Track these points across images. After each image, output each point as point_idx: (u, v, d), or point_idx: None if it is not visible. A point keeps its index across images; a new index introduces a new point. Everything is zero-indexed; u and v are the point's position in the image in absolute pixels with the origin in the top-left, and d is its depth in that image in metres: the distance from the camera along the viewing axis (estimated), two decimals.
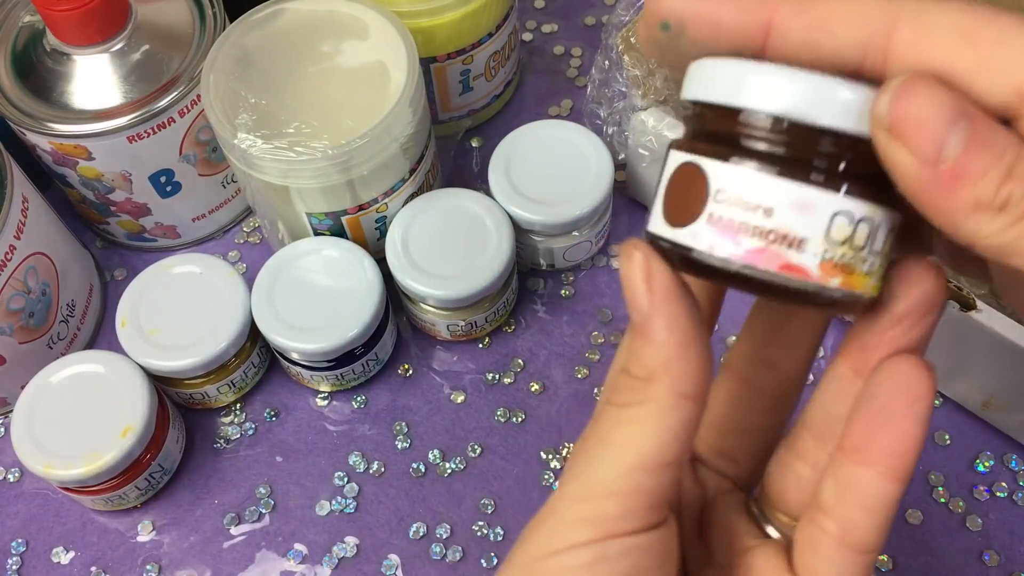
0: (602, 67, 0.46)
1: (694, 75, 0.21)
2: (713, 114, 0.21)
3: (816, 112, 0.19)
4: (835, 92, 0.19)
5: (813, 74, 0.19)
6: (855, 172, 0.20)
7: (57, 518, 0.45)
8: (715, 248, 0.20)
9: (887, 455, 0.20)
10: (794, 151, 0.20)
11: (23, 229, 0.42)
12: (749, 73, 0.20)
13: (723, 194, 0.20)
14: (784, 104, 0.19)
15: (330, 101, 0.42)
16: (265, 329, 0.42)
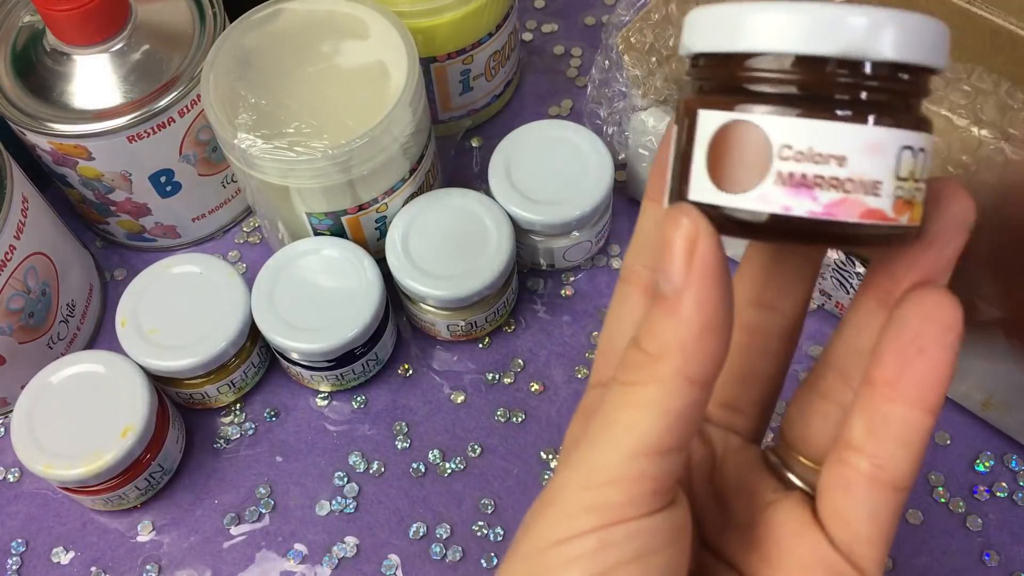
0: (602, 67, 0.46)
1: (725, 22, 0.20)
2: (755, 65, 0.19)
3: (872, 46, 0.19)
4: (887, 22, 0.19)
5: (855, 5, 0.19)
6: (899, 103, 0.20)
7: (57, 518, 0.45)
8: (792, 208, 0.19)
9: (921, 387, 0.20)
10: (852, 92, 0.19)
11: (23, 229, 0.42)
12: (792, 14, 0.19)
13: (790, 150, 0.19)
14: (839, 44, 0.19)
15: (330, 101, 0.42)
16: (265, 329, 0.42)
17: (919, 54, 0.19)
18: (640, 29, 0.45)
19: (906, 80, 0.19)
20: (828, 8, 0.19)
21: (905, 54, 0.19)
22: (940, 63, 0.20)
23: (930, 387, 0.20)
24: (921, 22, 0.19)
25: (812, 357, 0.46)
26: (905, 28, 0.19)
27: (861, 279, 0.41)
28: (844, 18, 0.19)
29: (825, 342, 0.46)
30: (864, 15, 0.19)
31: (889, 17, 0.19)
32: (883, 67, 0.19)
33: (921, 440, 0.20)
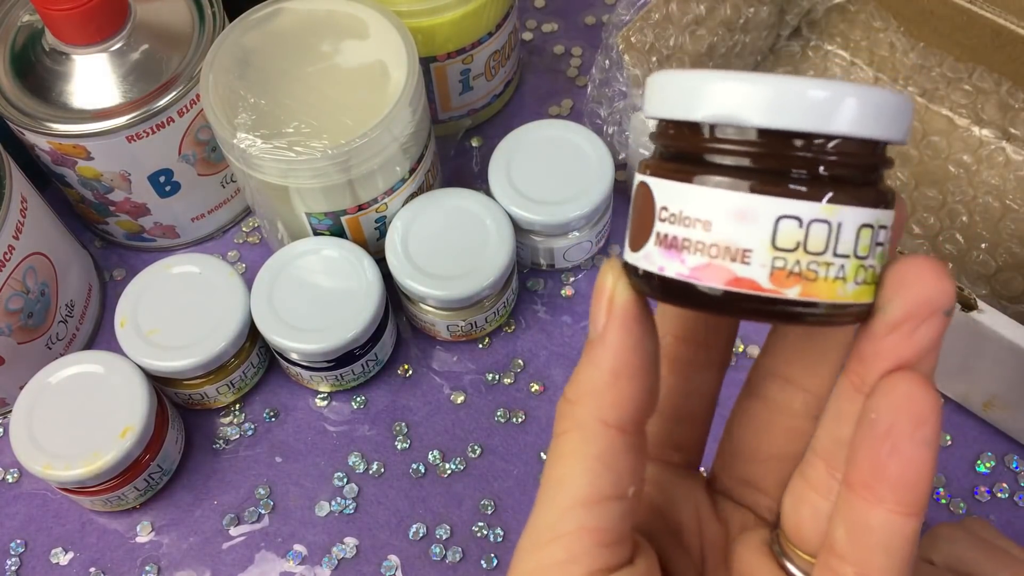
0: (602, 66, 0.46)
1: (651, 90, 0.21)
2: (661, 131, 0.20)
3: (744, 115, 0.18)
4: (767, 92, 0.18)
5: (733, 78, 0.19)
6: (802, 172, 0.19)
7: (56, 519, 0.44)
8: (665, 268, 0.19)
9: (899, 490, 0.18)
10: (725, 157, 0.19)
11: (22, 229, 0.42)
12: (669, 85, 0.19)
13: (665, 211, 0.19)
14: (708, 112, 0.19)
15: (330, 101, 0.42)
16: (264, 329, 0.42)
17: (793, 120, 0.18)
18: (640, 29, 0.45)
19: (797, 147, 0.19)
20: (706, 76, 0.19)
21: (778, 121, 0.18)
22: (819, 127, 0.18)
23: (909, 489, 0.18)
24: (810, 87, 0.18)
25: None
26: (783, 92, 0.18)
27: None
28: (716, 84, 0.19)
29: None
30: (741, 81, 0.18)
31: (765, 82, 0.18)
32: (755, 132, 0.19)
33: (905, 546, 0.19)
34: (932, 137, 0.51)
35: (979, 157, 0.50)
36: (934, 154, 0.51)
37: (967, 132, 0.51)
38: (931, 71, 0.52)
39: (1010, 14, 0.48)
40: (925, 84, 0.52)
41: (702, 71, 0.19)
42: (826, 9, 0.54)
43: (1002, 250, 0.47)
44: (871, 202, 0.19)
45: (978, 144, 0.51)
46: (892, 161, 0.20)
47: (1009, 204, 0.49)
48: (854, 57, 0.54)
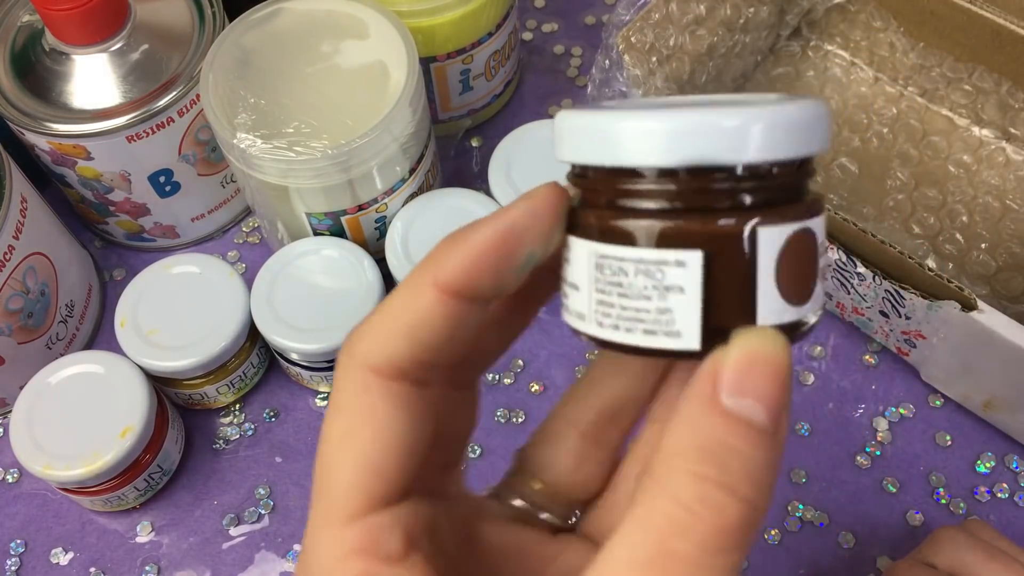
0: (603, 67, 0.46)
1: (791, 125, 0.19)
2: (785, 171, 0.19)
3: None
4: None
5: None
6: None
7: (56, 519, 0.44)
8: (824, 302, 0.20)
9: None
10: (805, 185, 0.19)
11: (22, 229, 0.42)
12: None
13: (823, 246, 0.19)
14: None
15: (330, 101, 0.42)
16: (264, 329, 0.42)
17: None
18: (640, 29, 0.45)
19: None
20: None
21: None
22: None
23: None
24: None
25: (812, 358, 0.46)
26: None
27: (860, 279, 0.41)
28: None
29: (824, 341, 0.46)
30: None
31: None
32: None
33: None
34: (932, 137, 0.51)
35: (979, 157, 0.50)
36: (934, 154, 0.51)
37: (967, 132, 0.51)
38: (931, 71, 0.52)
39: (1010, 14, 0.48)
40: (925, 84, 0.52)
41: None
42: (826, 9, 0.54)
43: (1002, 250, 0.47)
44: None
45: (978, 144, 0.51)
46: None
47: (1009, 204, 0.49)
48: (854, 57, 0.54)
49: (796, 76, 0.54)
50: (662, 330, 0.18)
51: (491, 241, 0.19)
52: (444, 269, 0.19)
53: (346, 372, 0.20)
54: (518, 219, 0.19)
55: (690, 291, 0.18)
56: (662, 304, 0.18)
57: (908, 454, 0.44)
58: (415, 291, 0.19)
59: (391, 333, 0.19)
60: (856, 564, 0.42)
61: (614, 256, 0.19)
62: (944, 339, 0.41)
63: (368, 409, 0.19)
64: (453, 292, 0.19)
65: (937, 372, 0.44)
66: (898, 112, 0.52)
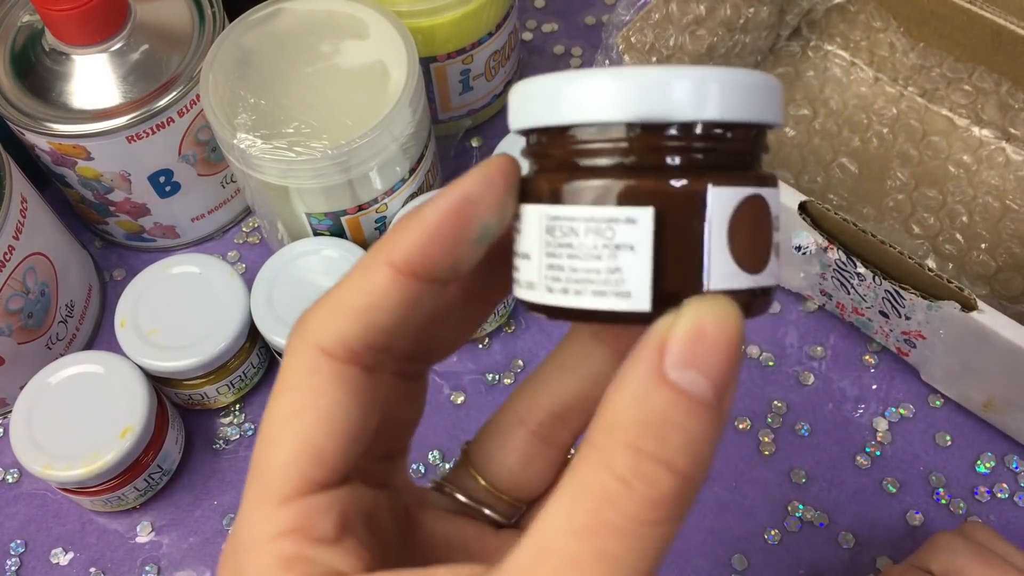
0: (603, 66, 0.46)
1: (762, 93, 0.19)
2: (739, 135, 0.19)
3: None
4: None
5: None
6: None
7: (56, 519, 0.44)
8: (780, 277, 0.19)
9: None
10: (758, 156, 0.19)
11: (22, 229, 0.42)
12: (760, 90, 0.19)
13: (777, 220, 0.19)
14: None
15: (329, 101, 0.42)
16: (265, 329, 0.42)
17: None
18: (641, 29, 0.45)
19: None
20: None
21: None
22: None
23: None
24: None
25: (812, 358, 0.46)
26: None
27: (860, 279, 0.41)
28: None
29: (824, 342, 0.46)
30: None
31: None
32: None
33: None
34: (932, 137, 0.51)
35: (979, 157, 0.50)
36: (934, 154, 0.51)
37: (967, 132, 0.51)
38: (931, 71, 0.52)
39: (1010, 14, 0.48)
40: (925, 84, 0.52)
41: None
42: (826, 9, 0.54)
43: (1002, 250, 0.47)
44: None
45: (978, 144, 0.51)
46: None
47: (1009, 204, 0.49)
48: (854, 57, 0.54)
49: (796, 76, 0.54)
50: (612, 290, 0.18)
51: (444, 214, 0.19)
52: (398, 247, 0.19)
53: (296, 351, 0.19)
54: (471, 188, 0.19)
55: (640, 249, 0.18)
56: (612, 263, 0.18)
57: (908, 454, 0.44)
58: (369, 271, 0.19)
59: (344, 314, 0.19)
60: (856, 564, 0.42)
61: (565, 216, 0.18)
62: (944, 339, 0.41)
63: (315, 391, 0.19)
64: (408, 271, 0.19)
65: (937, 372, 0.44)
66: (898, 112, 0.52)
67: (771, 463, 0.44)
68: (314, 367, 0.19)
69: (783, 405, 0.45)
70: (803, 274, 0.45)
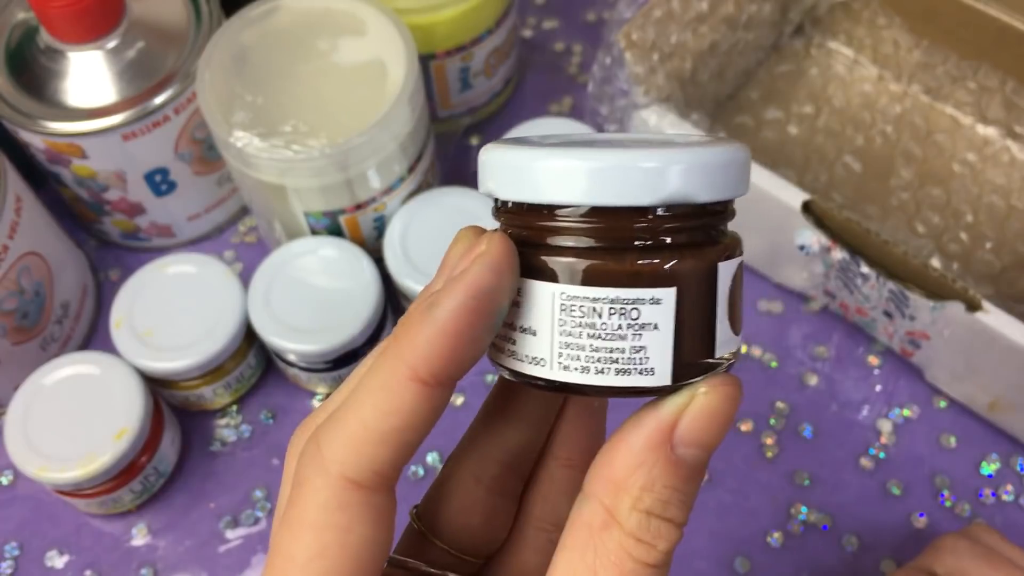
0: (603, 64, 0.46)
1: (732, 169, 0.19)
2: (711, 211, 0.20)
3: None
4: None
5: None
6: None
7: (51, 522, 0.44)
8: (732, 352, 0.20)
9: None
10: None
11: (16, 229, 0.42)
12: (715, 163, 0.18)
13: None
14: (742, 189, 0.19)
15: (327, 99, 0.41)
16: (261, 330, 0.42)
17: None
18: (642, 26, 0.44)
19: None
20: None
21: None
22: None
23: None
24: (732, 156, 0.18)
25: (815, 358, 0.46)
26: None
27: (864, 279, 0.41)
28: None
29: (827, 342, 0.46)
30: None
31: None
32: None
33: None
34: (936, 136, 0.51)
35: (984, 156, 0.50)
36: (938, 153, 0.50)
37: (972, 131, 0.51)
38: (935, 69, 0.51)
39: (1015, 12, 0.47)
40: (929, 82, 0.51)
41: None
42: (830, 6, 0.53)
43: (1007, 249, 0.47)
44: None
45: (983, 143, 0.50)
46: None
47: (1014, 203, 0.48)
48: (858, 55, 0.53)
49: (799, 74, 0.53)
50: (636, 368, 0.18)
51: (463, 315, 0.18)
52: (422, 359, 0.18)
53: (315, 483, 0.18)
54: (482, 281, 0.18)
55: (664, 328, 0.18)
56: (636, 343, 0.18)
57: (912, 456, 0.43)
58: (394, 390, 0.18)
59: (373, 439, 0.18)
60: (860, 567, 0.41)
61: (586, 296, 0.18)
62: (949, 340, 0.40)
63: (342, 529, 0.18)
64: (436, 382, 0.18)
65: (941, 373, 0.43)
66: (902, 110, 0.52)
67: (774, 465, 0.43)
68: (341, 503, 0.18)
69: (786, 406, 0.45)
70: (806, 274, 0.44)
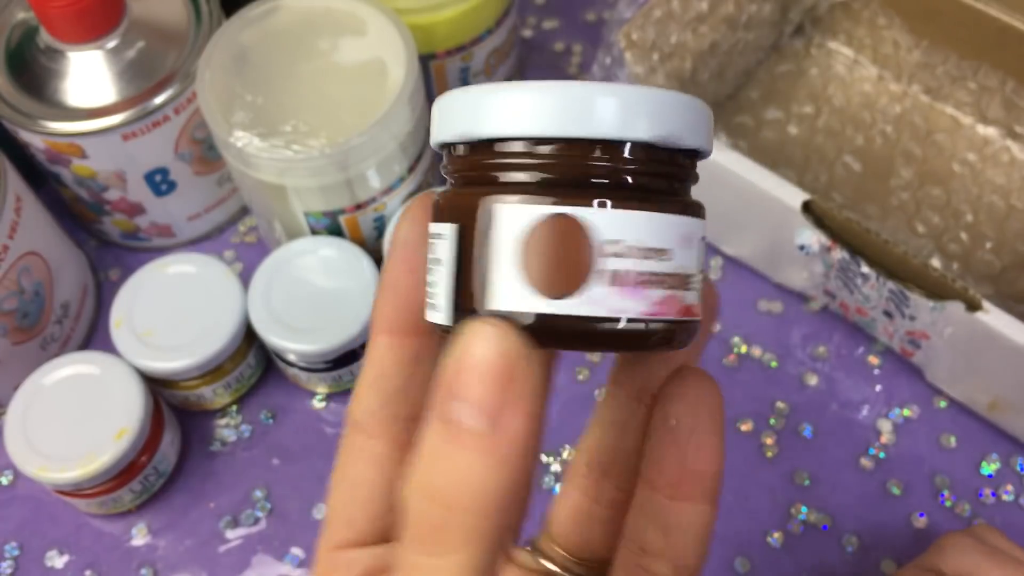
0: (604, 64, 0.46)
1: (541, 108, 0.17)
2: (565, 151, 0.17)
3: (679, 135, 0.17)
4: (688, 109, 0.18)
5: (651, 91, 0.17)
6: (678, 189, 0.19)
7: (51, 521, 0.44)
8: (624, 311, 0.17)
9: (704, 482, 0.20)
10: (659, 179, 0.18)
11: (16, 229, 0.42)
12: (616, 99, 0.17)
13: (619, 244, 0.17)
14: (657, 131, 0.17)
15: (328, 98, 0.41)
16: (261, 330, 0.42)
17: (687, 138, 0.18)
18: (642, 26, 0.44)
19: (686, 164, 0.18)
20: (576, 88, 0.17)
21: (693, 141, 0.18)
22: (705, 145, 0.18)
23: (712, 479, 0.20)
24: (682, 102, 0.18)
25: (815, 358, 0.46)
26: (665, 108, 0.17)
27: (864, 278, 0.41)
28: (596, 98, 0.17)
29: (827, 342, 0.46)
30: (617, 95, 0.17)
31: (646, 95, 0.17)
32: (668, 154, 0.18)
33: (710, 528, 0.20)
34: (936, 135, 0.51)
35: (984, 156, 0.50)
36: (938, 152, 0.50)
37: (972, 130, 0.51)
38: (935, 69, 0.51)
39: (1016, 11, 0.47)
40: (929, 82, 0.51)
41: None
42: (830, 6, 0.53)
43: (1007, 249, 0.47)
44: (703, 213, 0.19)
45: (983, 143, 0.50)
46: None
47: (1014, 203, 0.48)
48: (858, 55, 0.53)
49: (799, 74, 0.53)
50: (431, 303, 0.19)
51: (396, 269, 0.20)
52: (379, 315, 0.21)
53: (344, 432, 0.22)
54: (404, 235, 0.20)
55: (446, 264, 0.18)
56: (432, 277, 0.19)
57: (912, 456, 0.43)
58: (370, 346, 0.21)
59: (363, 389, 0.21)
60: (860, 567, 0.41)
61: (430, 232, 0.19)
62: (949, 340, 0.40)
63: (348, 465, 0.22)
64: (398, 331, 0.21)
65: (942, 373, 0.43)
66: (902, 110, 0.51)
67: (774, 465, 0.43)
68: (347, 444, 0.22)
69: (786, 406, 0.45)
70: (806, 274, 0.44)
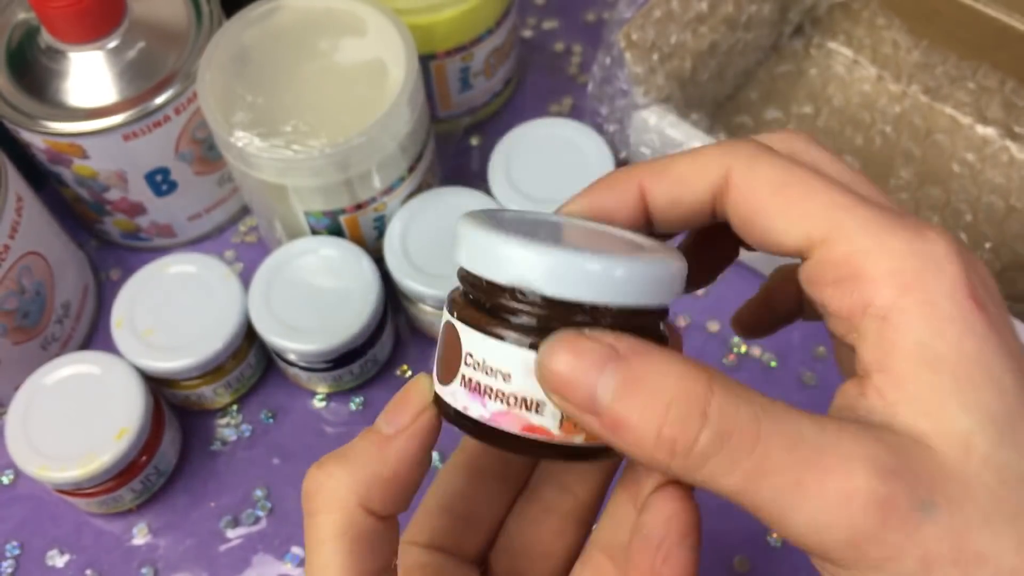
0: (603, 64, 0.46)
1: (457, 239, 0.22)
2: (464, 277, 0.22)
3: (540, 284, 0.20)
4: (563, 264, 0.20)
5: (541, 247, 0.20)
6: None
7: (52, 521, 0.44)
8: (468, 408, 0.21)
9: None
10: (529, 320, 0.20)
11: (17, 229, 0.42)
12: (486, 245, 0.20)
13: (471, 358, 0.21)
14: (509, 277, 0.20)
15: (328, 99, 0.41)
16: (262, 330, 0.42)
17: (576, 291, 0.20)
18: (642, 26, 0.44)
19: (578, 315, 0.20)
20: (514, 243, 0.20)
21: (561, 290, 0.20)
22: (613, 300, 0.20)
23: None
24: (588, 261, 0.20)
25: (815, 358, 0.46)
26: (565, 265, 0.20)
27: None
28: (515, 251, 0.20)
29: (827, 342, 0.46)
30: (534, 252, 0.20)
31: (557, 256, 0.20)
32: (549, 300, 0.20)
33: None
34: (936, 136, 0.51)
35: (983, 156, 0.50)
36: (938, 153, 0.50)
37: (971, 131, 0.51)
38: (935, 69, 0.51)
39: (1015, 11, 0.47)
40: (929, 82, 0.52)
41: (503, 235, 0.20)
42: (829, 6, 0.54)
43: (1006, 250, 0.47)
44: None
45: (982, 143, 0.50)
46: (666, 313, 0.22)
47: (1013, 204, 0.48)
48: (857, 55, 0.53)
49: (799, 74, 0.53)
50: None
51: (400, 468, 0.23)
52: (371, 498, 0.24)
53: None
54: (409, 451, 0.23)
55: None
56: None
57: None
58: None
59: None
60: None
61: None
62: None
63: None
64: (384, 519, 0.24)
65: None
66: (901, 110, 0.52)
67: None
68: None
69: None
70: None
